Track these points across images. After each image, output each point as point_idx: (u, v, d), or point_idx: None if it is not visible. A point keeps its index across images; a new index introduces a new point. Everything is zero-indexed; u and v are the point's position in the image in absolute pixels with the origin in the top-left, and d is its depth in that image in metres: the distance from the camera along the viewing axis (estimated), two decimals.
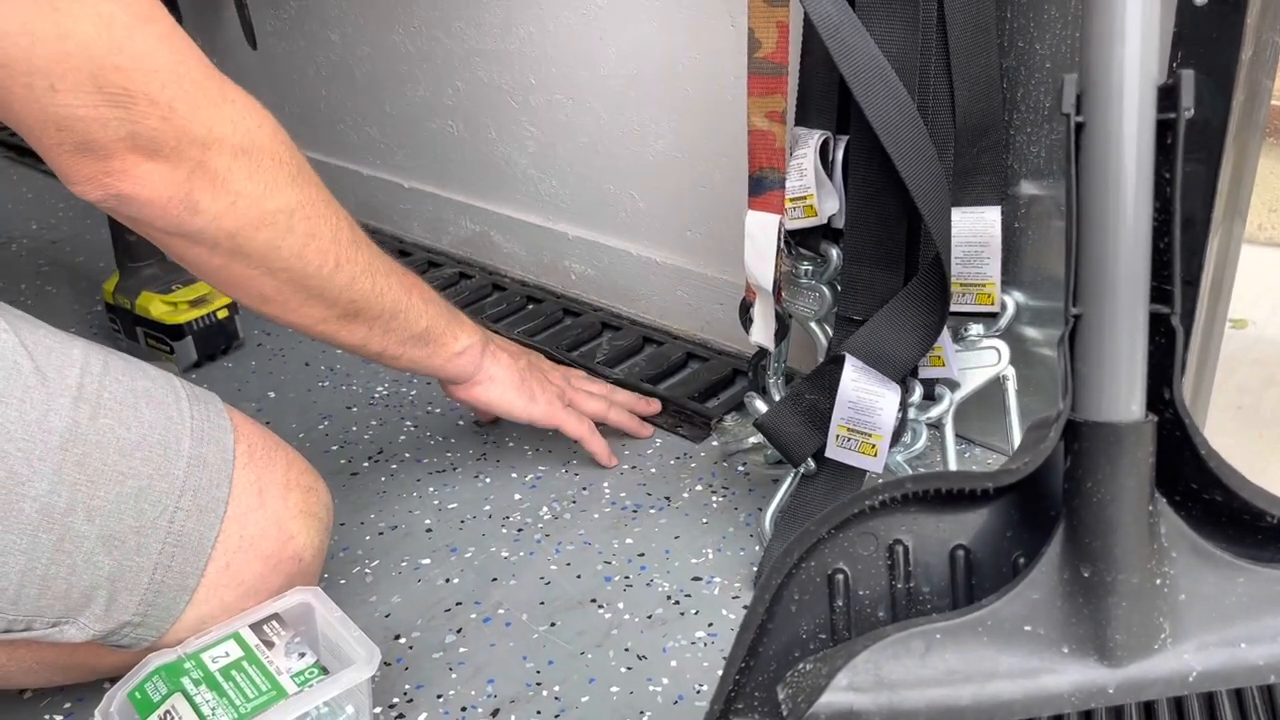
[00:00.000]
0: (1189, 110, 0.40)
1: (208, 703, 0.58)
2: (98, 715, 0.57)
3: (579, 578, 0.76)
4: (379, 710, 0.66)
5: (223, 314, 1.07)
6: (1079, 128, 0.41)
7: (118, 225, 1.00)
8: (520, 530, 0.81)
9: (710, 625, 0.71)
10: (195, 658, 0.61)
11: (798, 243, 0.76)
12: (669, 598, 0.74)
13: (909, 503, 0.44)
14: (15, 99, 0.54)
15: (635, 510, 0.83)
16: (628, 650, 0.69)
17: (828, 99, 0.72)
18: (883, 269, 0.71)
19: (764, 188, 0.72)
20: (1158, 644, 0.41)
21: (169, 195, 0.58)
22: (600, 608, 0.73)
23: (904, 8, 0.66)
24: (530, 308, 1.16)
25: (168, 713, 0.58)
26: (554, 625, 0.72)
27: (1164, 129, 0.41)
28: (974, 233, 0.73)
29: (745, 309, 0.79)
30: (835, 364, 0.70)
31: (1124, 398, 0.42)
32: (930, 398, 0.75)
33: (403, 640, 0.71)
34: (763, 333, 0.77)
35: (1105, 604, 0.41)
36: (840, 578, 0.45)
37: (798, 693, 0.42)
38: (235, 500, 0.63)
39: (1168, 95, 0.41)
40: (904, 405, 0.70)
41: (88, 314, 1.17)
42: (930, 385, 0.75)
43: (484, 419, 0.94)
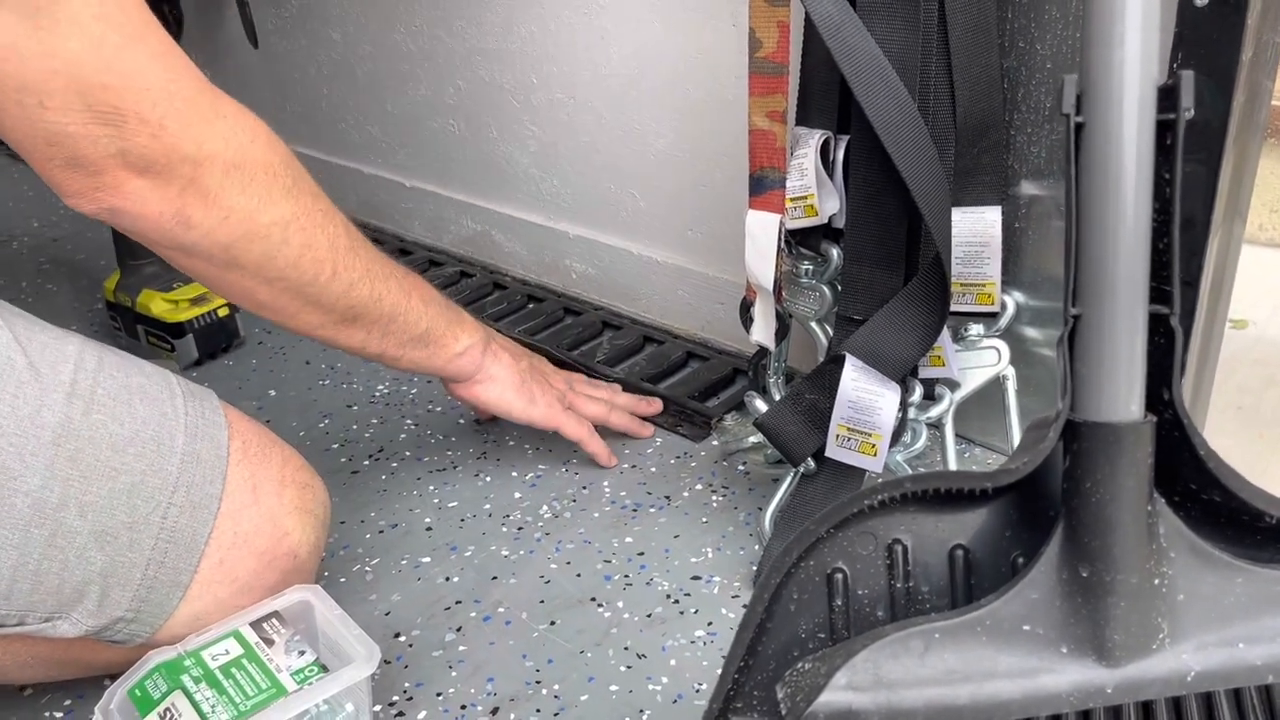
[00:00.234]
0: (1189, 111, 0.40)
1: (208, 700, 0.58)
2: (98, 712, 0.57)
3: (579, 576, 0.76)
4: (379, 708, 0.66)
5: (223, 312, 1.07)
6: (1079, 128, 0.41)
7: None
8: (520, 529, 0.81)
9: (710, 624, 0.71)
10: (195, 655, 0.61)
11: (798, 242, 0.76)
12: (668, 597, 0.74)
13: (908, 502, 0.44)
14: (6, 115, 0.54)
15: (635, 509, 0.83)
16: (627, 649, 0.69)
17: (828, 99, 0.72)
18: (883, 269, 0.71)
19: (765, 187, 0.72)
20: (1156, 644, 0.41)
21: (160, 211, 0.59)
22: (600, 606, 0.73)
23: (905, 8, 0.66)
24: (531, 307, 1.16)
25: (168, 710, 0.58)
26: (554, 624, 0.72)
27: (1164, 130, 0.41)
28: (974, 233, 0.73)
29: (746, 308, 0.79)
30: (835, 363, 0.70)
31: (1123, 398, 0.42)
32: (930, 397, 0.75)
33: (402, 638, 0.71)
34: (763, 332, 0.77)
35: (1104, 604, 0.41)
36: (839, 577, 0.45)
37: (796, 692, 0.42)
38: (229, 496, 0.63)
39: (1168, 96, 0.41)
40: (904, 405, 0.70)
41: (88, 312, 1.18)
42: (930, 385, 0.75)
43: (483, 417, 0.95)
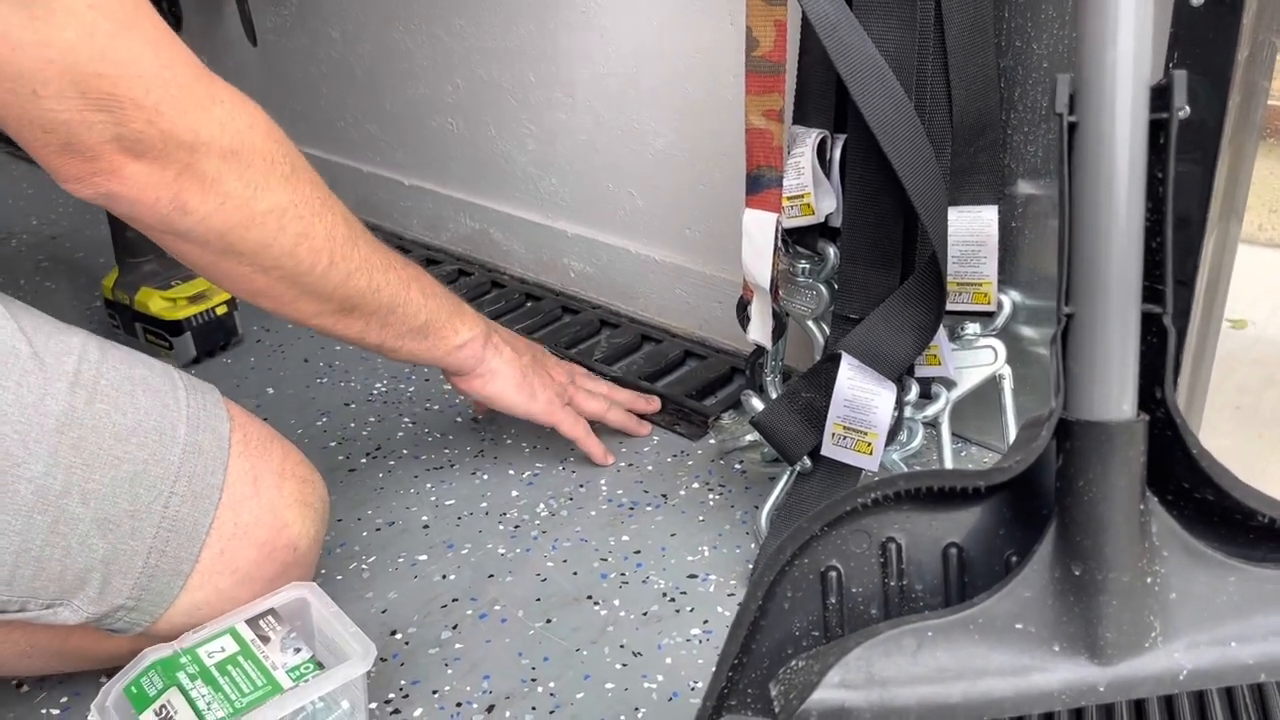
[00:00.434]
0: (1182, 110, 0.40)
1: (203, 697, 0.58)
2: (94, 709, 0.57)
3: (575, 574, 0.76)
4: (374, 706, 0.66)
5: (221, 310, 1.07)
6: (1072, 127, 0.42)
7: (117, 221, 1.00)
8: (517, 527, 0.82)
9: (705, 622, 0.71)
10: (191, 652, 0.61)
11: (795, 241, 0.76)
12: (664, 595, 0.74)
13: (902, 501, 0.45)
14: (0, 103, 0.54)
15: (632, 507, 0.83)
16: (623, 647, 0.69)
17: (825, 98, 0.72)
18: (880, 268, 0.71)
19: (761, 186, 0.72)
20: (1148, 642, 0.41)
21: (157, 196, 0.59)
22: (596, 604, 0.73)
23: (901, 7, 0.67)
24: (529, 305, 1.16)
25: (163, 707, 0.58)
26: (550, 622, 0.72)
27: (1157, 129, 0.41)
28: (971, 232, 0.73)
29: (743, 307, 0.79)
30: (832, 362, 0.70)
31: (1116, 397, 0.42)
32: (926, 396, 0.75)
33: (399, 636, 0.71)
34: (760, 331, 0.78)
35: (1096, 602, 0.41)
36: (833, 575, 0.45)
37: (790, 689, 0.42)
38: (230, 487, 0.63)
39: (1161, 95, 0.41)
40: (900, 404, 0.71)
41: (87, 310, 1.18)
42: (926, 384, 0.75)
43: (481, 412, 0.95)
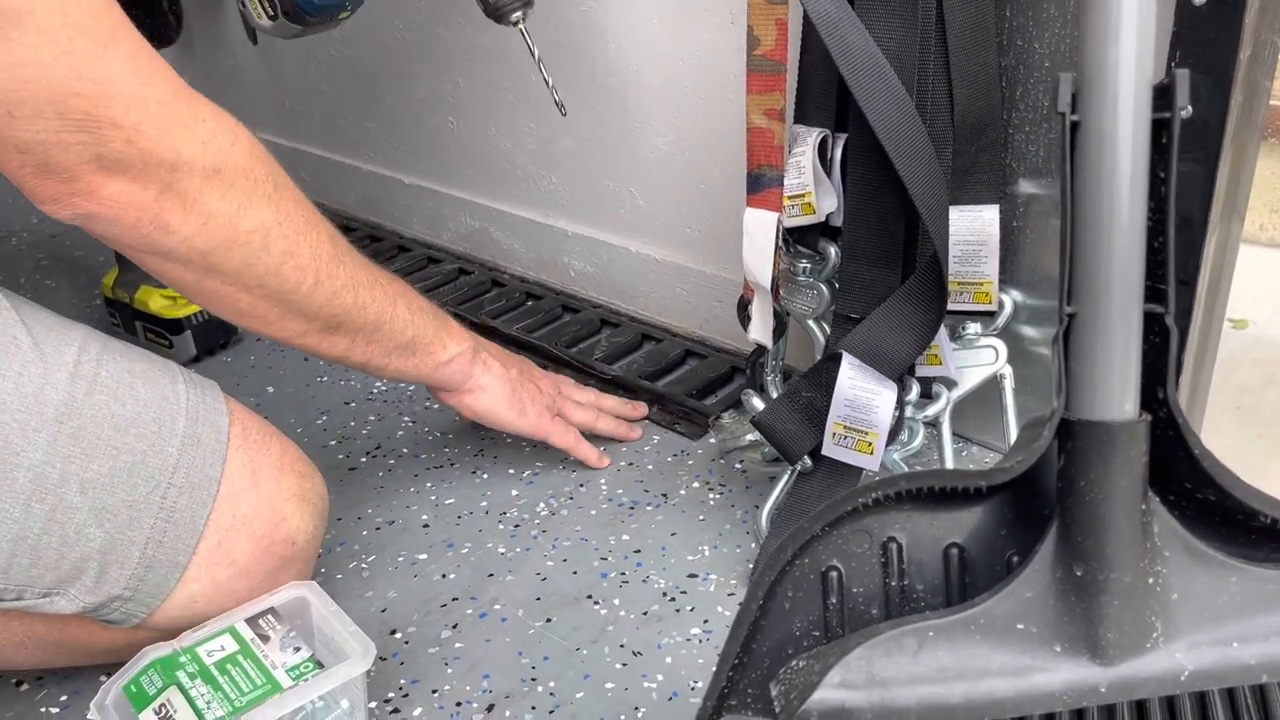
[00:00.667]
0: (1184, 109, 0.40)
1: (203, 696, 0.58)
2: (93, 708, 0.57)
3: (575, 574, 0.76)
4: (374, 705, 0.66)
5: None
6: (1074, 126, 0.42)
7: None
8: (517, 526, 0.81)
9: (705, 622, 0.71)
10: (190, 651, 0.61)
11: (796, 240, 0.76)
12: (665, 594, 0.74)
13: (903, 500, 0.44)
14: None
15: (632, 507, 0.83)
16: (623, 646, 0.69)
17: (826, 97, 0.72)
18: (881, 267, 0.71)
19: (762, 185, 0.72)
20: (1150, 643, 0.41)
21: (137, 216, 0.58)
22: (596, 604, 0.73)
23: (903, 6, 0.66)
24: (529, 304, 1.16)
25: (163, 705, 0.58)
26: (550, 621, 0.72)
27: (1159, 128, 0.41)
28: (972, 231, 0.73)
29: (743, 306, 0.79)
30: (833, 362, 0.70)
31: (1118, 397, 0.42)
32: (927, 396, 0.75)
33: (398, 635, 0.71)
34: (761, 330, 0.77)
35: (1098, 603, 0.41)
36: (834, 575, 0.45)
37: (790, 690, 0.42)
38: (228, 480, 0.63)
39: (1163, 94, 0.41)
40: (901, 403, 0.70)
41: (87, 308, 1.18)
42: (927, 383, 0.75)
43: (467, 420, 0.94)
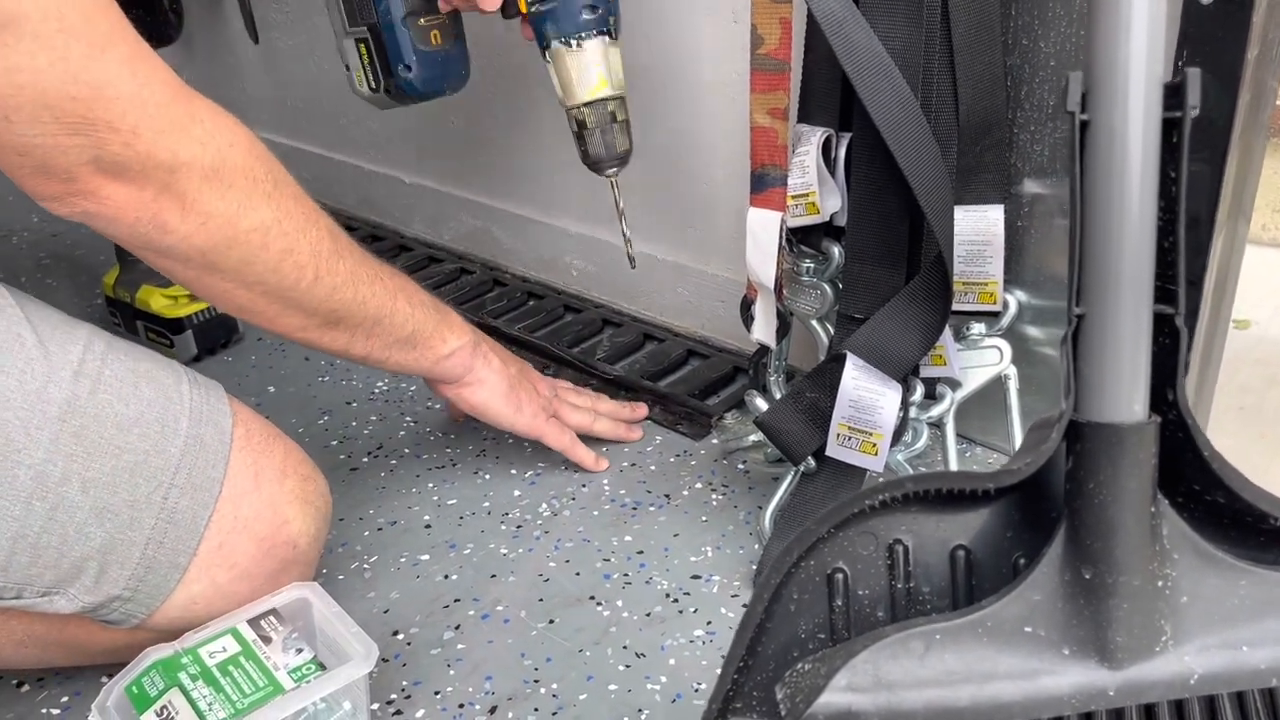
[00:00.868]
0: (1195, 109, 0.40)
1: (204, 698, 0.58)
2: (94, 709, 0.57)
3: (578, 575, 0.76)
4: (376, 707, 0.65)
5: None
6: (1084, 126, 0.41)
7: None
8: (519, 527, 0.81)
9: (709, 624, 0.71)
10: (192, 653, 0.60)
11: (799, 240, 0.76)
12: (668, 596, 0.73)
13: (909, 502, 0.44)
14: None
15: (634, 508, 0.83)
16: (626, 648, 0.69)
17: (830, 96, 0.72)
18: (885, 267, 0.70)
19: (766, 185, 0.72)
20: (1159, 646, 0.41)
21: (136, 216, 0.58)
22: (599, 605, 0.73)
23: (908, 4, 0.66)
24: (531, 304, 1.16)
25: (164, 707, 0.58)
26: (552, 622, 0.72)
27: (1169, 127, 0.41)
28: (977, 231, 0.73)
29: (746, 306, 0.79)
30: (836, 362, 0.70)
31: (1127, 398, 0.41)
32: (931, 397, 0.75)
33: (401, 636, 0.71)
34: (764, 330, 0.77)
35: (1106, 606, 0.41)
36: (840, 577, 0.45)
37: (796, 693, 0.42)
38: (230, 481, 0.63)
39: (1173, 93, 0.41)
40: (905, 404, 0.70)
41: (88, 307, 1.17)
42: (932, 384, 0.75)
43: (456, 417, 0.93)
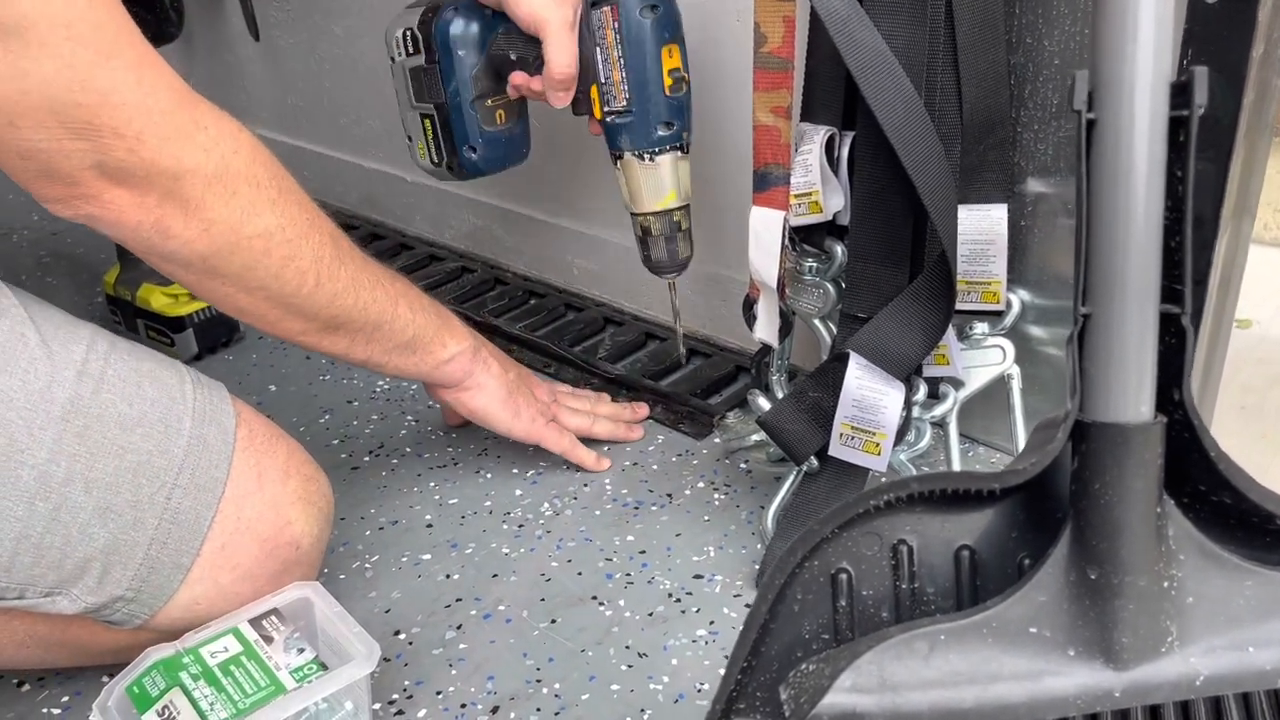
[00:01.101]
0: (1202, 107, 0.40)
1: (206, 698, 0.58)
2: (95, 709, 0.57)
3: (580, 575, 0.76)
4: (378, 706, 0.65)
5: None
6: (1090, 124, 0.41)
7: None
8: (521, 526, 0.81)
9: (711, 623, 0.71)
10: (194, 652, 0.60)
11: (802, 239, 0.76)
12: (670, 595, 0.73)
13: (914, 503, 0.44)
14: None
15: (637, 507, 0.83)
16: (628, 648, 0.69)
17: (834, 95, 0.71)
18: (888, 266, 0.70)
19: (769, 183, 0.72)
20: (1165, 647, 0.41)
21: (139, 220, 0.58)
22: (601, 605, 0.73)
23: (911, 3, 0.66)
24: (532, 302, 1.16)
25: (166, 707, 0.58)
26: (554, 622, 0.71)
27: (1176, 126, 0.41)
28: (980, 230, 0.72)
29: (749, 305, 0.79)
30: (839, 361, 0.70)
31: (1133, 398, 0.41)
32: (935, 396, 0.75)
33: (402, 636, 0.71)
34: (766, 329, 0.77)
35: (1112, 606, 0.41)
36: (844, 578, 0.45)
37: (800, 693, 0.42)
38: (234, 482, 0.63)
39: (1180, 92, 0.40)
40: (908, 404, 0.70)
41: (89, 306, 1.17)
42: (935, 384, 0.75)
43: (452, 421, 0.93)
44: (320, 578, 0.72)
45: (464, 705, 0.65)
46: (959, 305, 0.72)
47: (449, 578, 0.76)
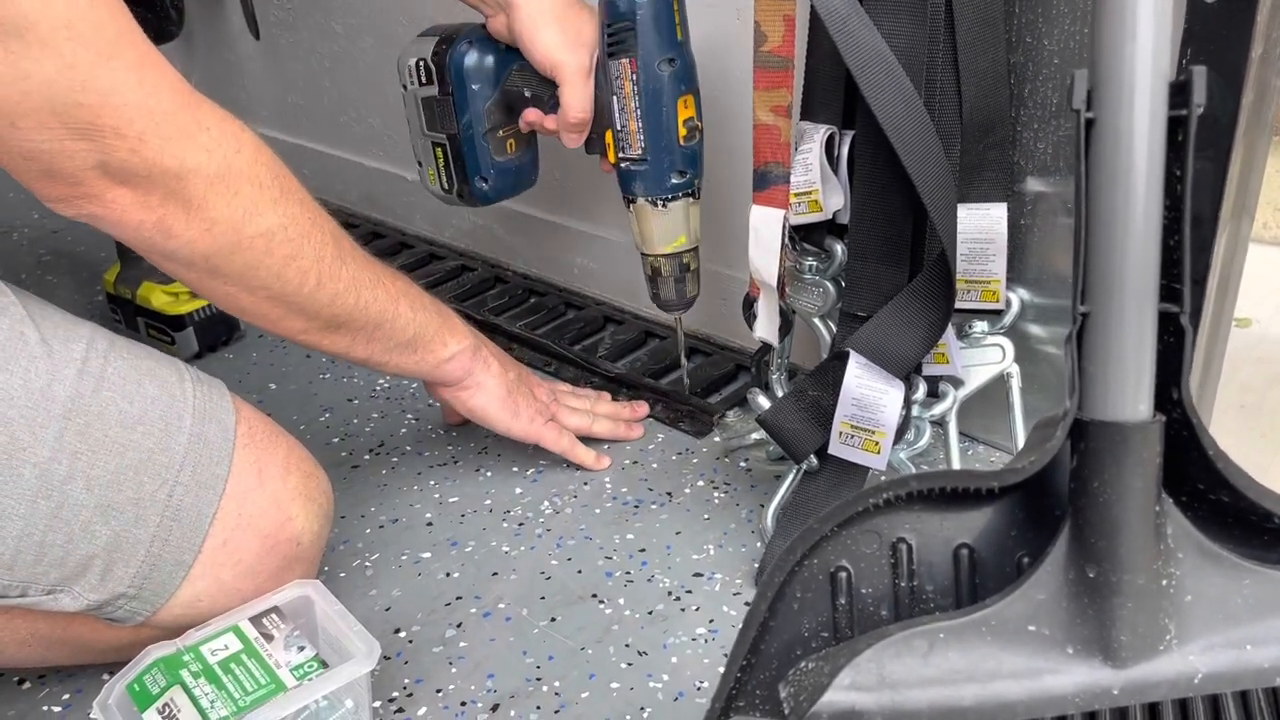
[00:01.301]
0: (1201, 107, 0.40)
1: (206, 695, 0.58)
2: (96, 707, 0.57)
3: (580, 573, 0.76)
4: (378, 704, 0.65)
5: None
6: (1089, 124, 0.41)
7: None
8: (521, 525, 0.81)
9: (711, 622, 0.71)
10: (194, 650, 0.60)
11: (802, 238, 0.76)
12: (670, 594, 0.73)
13: (913, 501, 0.44)
14: None
15: (636, 505, 0.83)
16: (628, 646, 0.69)
17: (834, 93, 0.72)
18: (887, 265, 0.70)
19: (768, 182, 0.72)
20: (1163, 645, 0.41)
21: (140, 220, 0.59)
22: (601, 603, 0.73)
23: (911, 2, 0.66)
24: (532, 301, 1.16)
25: (166, 705, 0.58)
26: (554, 620, 0.72)
27: (1175, 126, 0.41)
28: (980, 229, 0.72)
29: (749, 304, 0.79)
30: (839, 360, 0.70)
31: (1131, 397, 0.41)
32: (934, 395, 0.75)
33: (403, 634, 0.71)
34: (766, 328, 0.77)
35: (1110, 604, 0.41)
36: (843, 576, 0.45)
37: (800, 691, 0.42)
38: (235, 479, 0.63)
39: (1179, 91, 0.40)
40: (908, 402, 0.70)
41: (89, 304, 1.17)
42: (934, 382, 0.75)
43: (452, 420, 0.93)
44: (321, 576, 0.72)
45: (464, 703, 0.65)
46: (958, 304, 0.72)
47: (449, 576, 0.76)
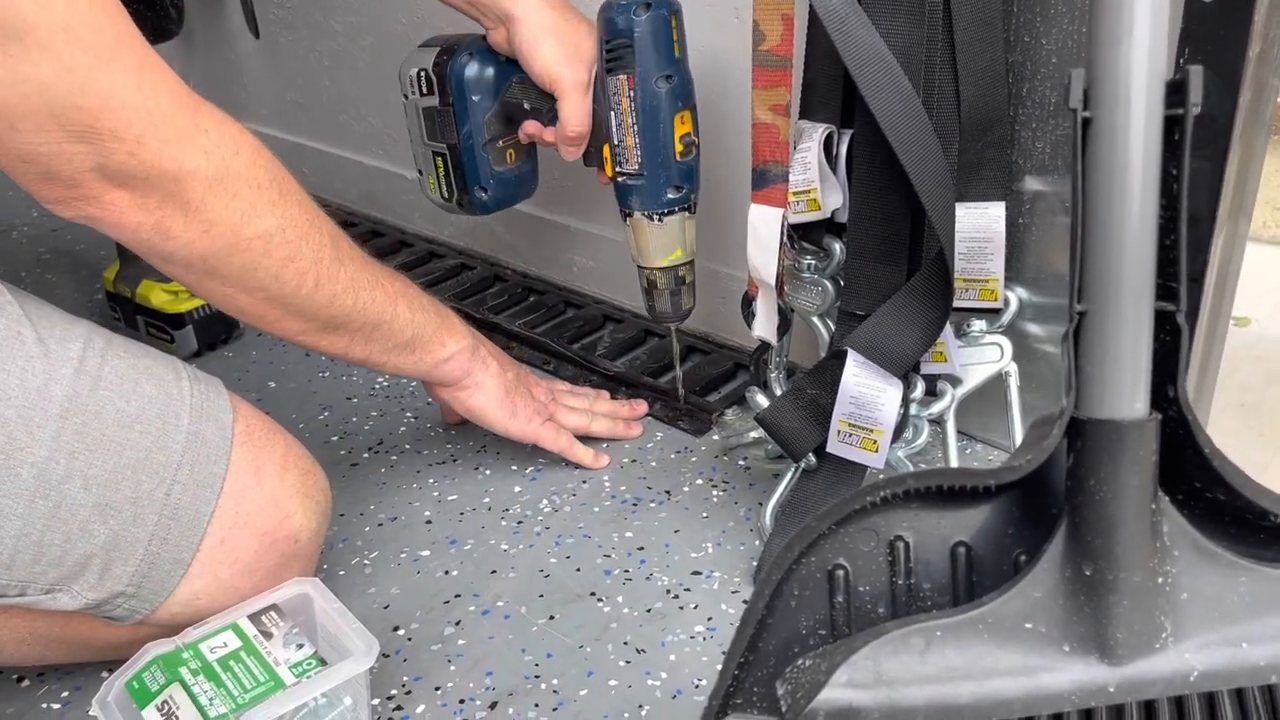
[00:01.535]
0: (1197, 106, 0.40)
1: (205, 693, 0.58)
2: (95, 704, 0.57)
3: (578, 571, 0.76)
4: (377, 702, 0.66)
5: None
6: (1086, 123, 0.41)
7: None
8: (520, 523, 0.81)
9: (709, 620, 0.71)
10: (193, 648, 0.61)
11: (801, 237, 0.76)
12: (668, 592, 0.73)
13: (910, 499, 0.44)
14: None
15: (635, 504, 0.83)
16: (627, 644, 0.69)
17: (832, 92, 0.72)
18: (886, 264, 0.70)
19: (767, 181, 0.72)
20: (1159, 643, 0.41)
21: (139, 222, 0.59)
22: (599, 601, 0.73)
23: (910, 1, 0.66)
24: (531, 299, 1.16)
25: (165, 702, 0.58)
26: (553, 618, 0.72)
27: (1171, 125, 0.41)
28: (978, 228, 0.73)
29: (747, 303, 0.79)
30: (837, 359, 0.70)
31: (1128, 395, 0.41)
32: (932, 393, 0.75)
33: (401, 632, 0.71)
34: (765, 327, 0.77)
35: (1107, 602, 0.41)
36: (841, 574, 0.45)
37: (797, 689, 0.42)
38: (232, 477, 0.63)
39: (1175, 91, 0.41)
40: (906, 401, 0.70)
41: (88, 302, 1.17)
42: (932, 381, 0.75)
43: (451, 419, 0.93)
44: (319, 574, 0.72)
45: (463, 701, 0.65)
46: (957, 303, 0.73)
47: (448, 574, 0.76)
